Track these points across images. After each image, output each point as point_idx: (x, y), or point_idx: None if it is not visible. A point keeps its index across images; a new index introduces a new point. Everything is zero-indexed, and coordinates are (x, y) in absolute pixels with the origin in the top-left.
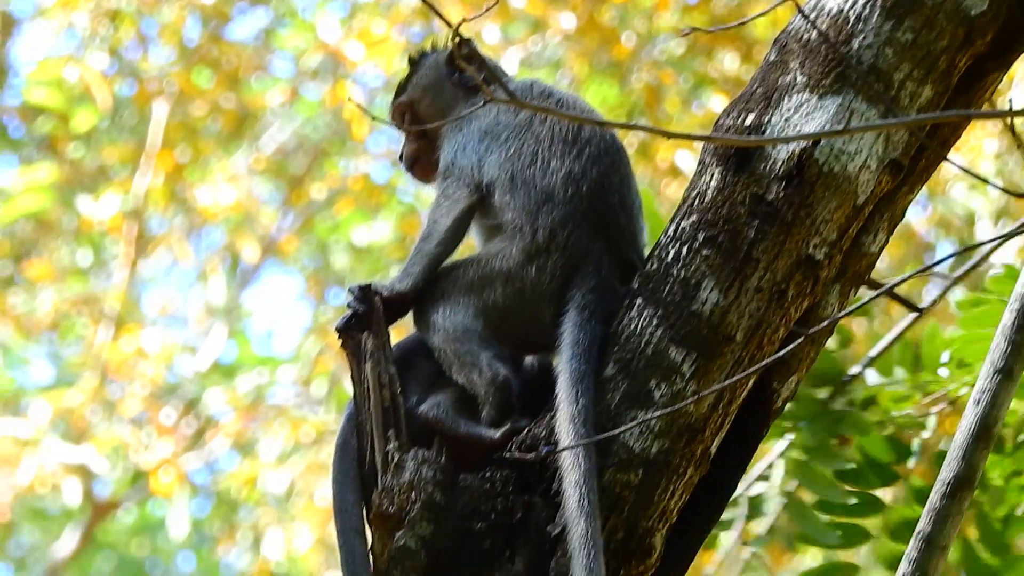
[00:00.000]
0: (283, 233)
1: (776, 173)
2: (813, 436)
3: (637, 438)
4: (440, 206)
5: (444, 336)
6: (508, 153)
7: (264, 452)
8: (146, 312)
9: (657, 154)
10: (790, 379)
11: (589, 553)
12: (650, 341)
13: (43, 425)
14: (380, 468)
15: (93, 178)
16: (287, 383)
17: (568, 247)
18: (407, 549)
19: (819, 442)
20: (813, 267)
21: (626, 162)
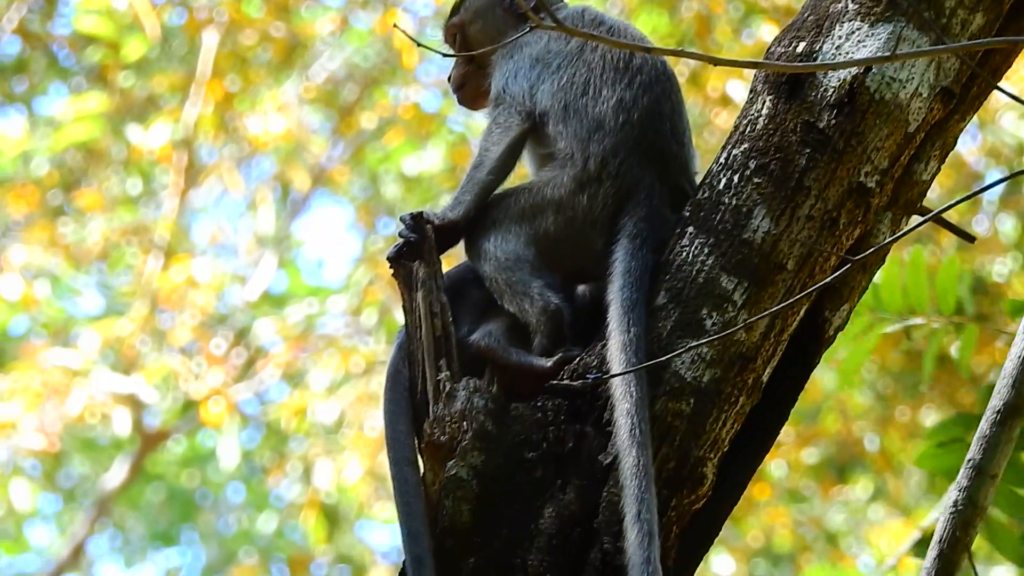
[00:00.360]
0: (333, 163)
1: (827, 101)
2: None
3: (689, 367)
4: (492, 134)
5: (495, 265)
6: (560, 82)
7: (314, 382)
8: (196, 241)
9: (707, 83)
10: (842, 308)
11: (641, 483)
12: (701, 270)
13: (93, 355)
14: (432, 398)
15: (143, 107)
16: (337, 313)
17: (619, 175)
18: (458, 479)
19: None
20: (865, 195)
21: (677, 90)
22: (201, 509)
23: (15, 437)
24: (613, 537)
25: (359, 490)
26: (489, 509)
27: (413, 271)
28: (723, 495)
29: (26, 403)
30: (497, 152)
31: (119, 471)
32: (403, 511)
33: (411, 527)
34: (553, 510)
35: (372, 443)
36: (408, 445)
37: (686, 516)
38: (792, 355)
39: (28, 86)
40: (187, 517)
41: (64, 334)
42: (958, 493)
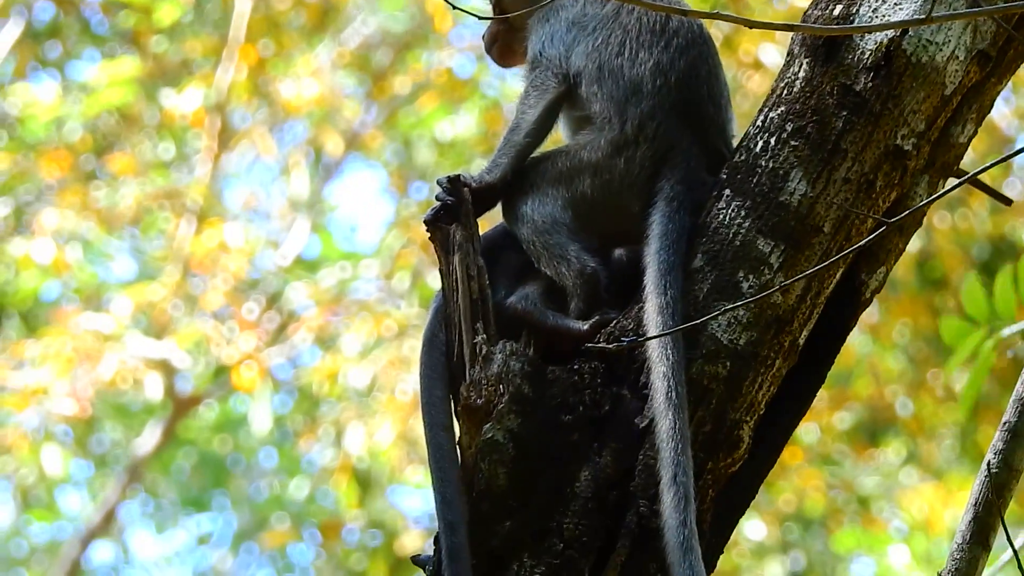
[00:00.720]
0: (366, 128)
1: (864, 64)
2: None
3: (725, 330)
4: (528, 96)
5: (532, 228)
6: (595, 43)
7: (346, 347)
8: (229, 206)
9: (740, 47)
10: (878, 270)
11: (677, 446)
12: (738, 232)
13: (125, 320)
14: (468, 361)
15: (176, 72)
16: (370, 277)
17: (656, 138)
18: (494, 442)
19: None
20: (901, 158)
21: (714, 53)
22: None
23: (47, 403)
24: (649, 500)
25: (391, 455)
26: (525, 472)
27: (450, 234)
28: (759, 459)
29: (58, 368)
30: (534, 115)
31: (151, 436)
32: (437, 476)
33: (445, 492)
34: (589, 473)
35: (404, 407)
36: (444, 410)
37: (722, 480)
38: (828, 318)
39: (61, 52)
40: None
41: (96, 299)
42: (993, 456)
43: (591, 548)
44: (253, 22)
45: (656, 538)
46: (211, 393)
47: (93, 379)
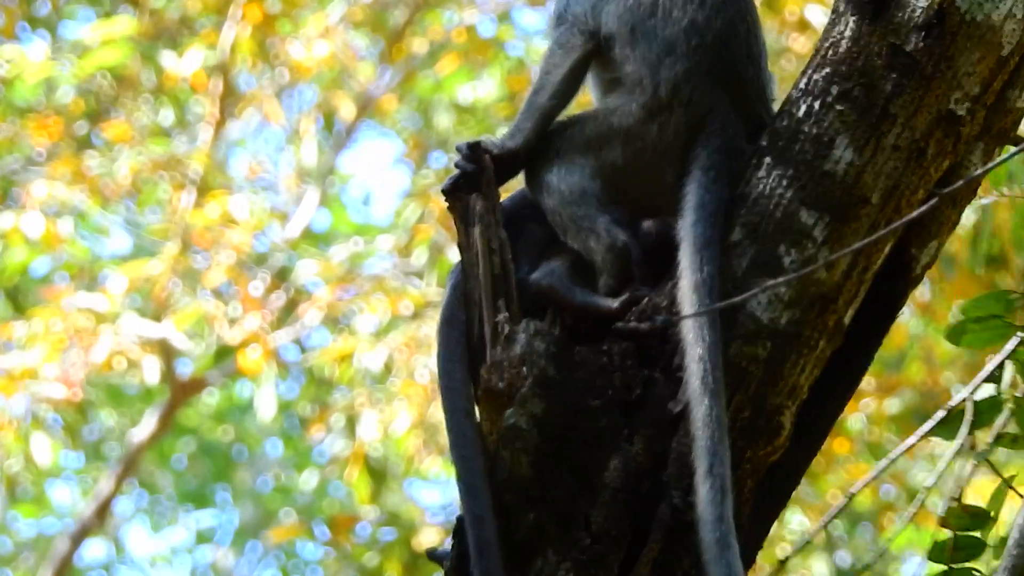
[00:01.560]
0: (381, 91)
1: (915, 22)
2: None
3: (765, 308)
4: (553, 55)
5: (559, 198)
6: (627, 4)
7: (359, 327)
8: (233, 176)
9: (785, 7)
10: (930, 244)
11: (713, 434)
12: (779, 203)
13: (120, 298)
14: (489, 341)
15: (175, 31)
16: (384, 252)
17: (692, 103)
18: (517, 428)
19: None
20: (954, 123)
21: (752, 10)
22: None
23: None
24: (683, 492)
25: (408, 443)
26: (550, 461)
27: (470, 204)
28: (801, 447)
29: (47, 350)
30: (559, 75)
31: (148, 424)
32: (461, 466)
33: (470, 483)
34: (619, 462)
35: (422, 392)
36: (464, 394)
37: (761, 469)
38: (876, 296)
39: (52, 9)
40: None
41: (89, 275)
42: None
43: (621, 542)
44: None
45: (691, 532)
46: (213, 378)
47: (85, 362)
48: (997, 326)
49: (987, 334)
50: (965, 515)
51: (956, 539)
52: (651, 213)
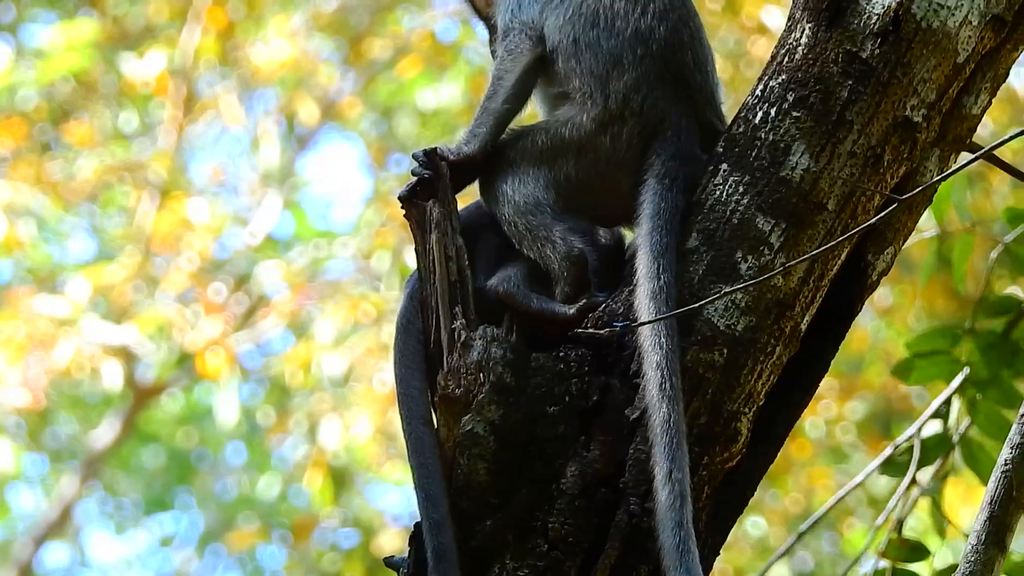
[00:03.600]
0: (343, 96)
1: (871, 29)
2: (988, 370)
3: (722, 314)
4: (503, 61)
5: (514, 208)
6: (567, 16)
7: (320, 332)
8: (194, 180)
9: (743, 10)
10: (886, 251)
11: (672, 440)
12: (736, 210)
13: (82, 303)
14: (446, 347)
15: (138, 36)
16: (345, 257)
17: (644, 112)
18: (474, 434)
19: (993, 375)
20: (910, 130)
21: (694, 14)
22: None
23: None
24: (641, 498)
25: (368, 449)
26: (507, 467)
27: (427, 211)
28: (758, 453)
29: (9, 355)
30: (511, 79)
31: (109, 429)
32: (419, 473)
33: (428, 489)
34: (576, 468)
35: (383, 398)
36: (422, 402)
37: (719, 475)
38: (832, 302)
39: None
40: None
41: (51, 280)
42: (1010, 451)
43: (579, 549)
44: None
45: (649, 538)
46: (174, 382)
47: (47, 367)
48: (943, 362)
49: (934, 369)
50: (904, 548)
51: (894, 571)
52: (608, 222)
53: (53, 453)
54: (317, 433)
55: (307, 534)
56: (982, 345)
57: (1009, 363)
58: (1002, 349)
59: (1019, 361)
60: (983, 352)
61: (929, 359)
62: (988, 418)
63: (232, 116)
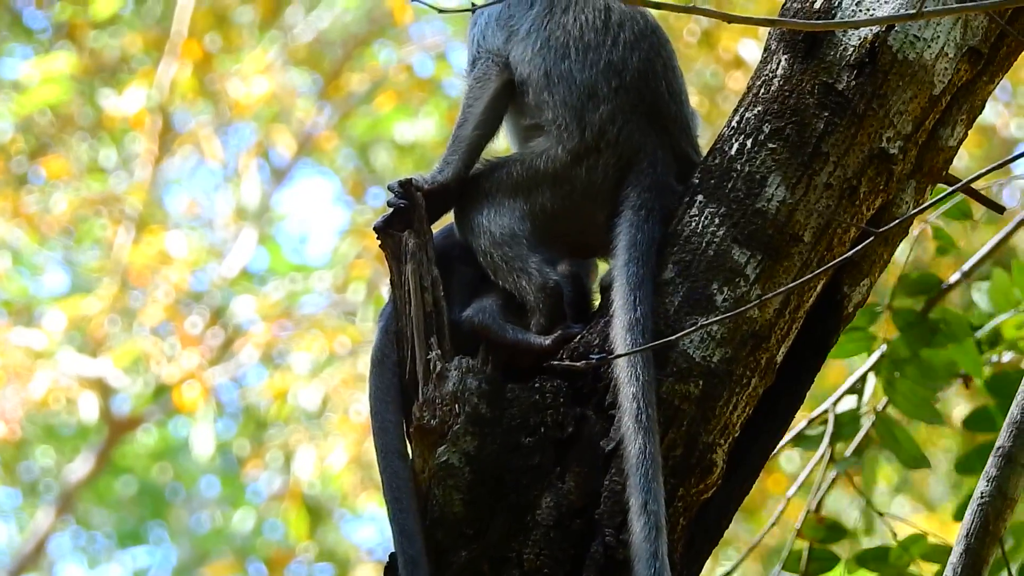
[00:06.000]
0: (319, 130)
1: (847, 60)
2: (907, 348)
3: (697, 346)
4: (472, 89)
5: (490, 239)
6: (536, 48)
7: (296, 365)
8: (170, 213)
9: (720, 43)
10: (862, 283)
11: (647, 471)
12: (712, 241)
13: (57, 335)
14: (421, 378)
15: (114, 69)
16: (321, 290)
17: (620, 143)
18: (449, 465)
19: (912, 354)
20: (887, 162)
21: (665, 43)
22: (172, 505)
23: None
24: (616, 529)
25: (344, 480)
26: (482, 498)
27: (402, 242)
28: (734, 484)
29: None
30: (481, 106)
31: (84, 463)
32: (393, 507)
33: (403, 524)
34: (551, 500)
35: (358, 429)
36: (397, 435)
37: (694, 507)
38: (808, 334)
39: None
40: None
41: (26, 313)
42: (986, 483)
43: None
44: (197, 15)
45: (623, 570)
46: (149, 416)
47: (23, 399)
48: (861, 338)
49: (851, 345)
50: (821, 527)
51: (812, 550)
52: (584, 253)
53: (27, 486)
54: (292, 464)
55: (282, 568)
56: (900, 324)
57: (927, 342)
58: (921, 328)
59: (937, 340)
60: (902, 330)
61: (848, 335)
62: (905, 396)
63: (208, 150)
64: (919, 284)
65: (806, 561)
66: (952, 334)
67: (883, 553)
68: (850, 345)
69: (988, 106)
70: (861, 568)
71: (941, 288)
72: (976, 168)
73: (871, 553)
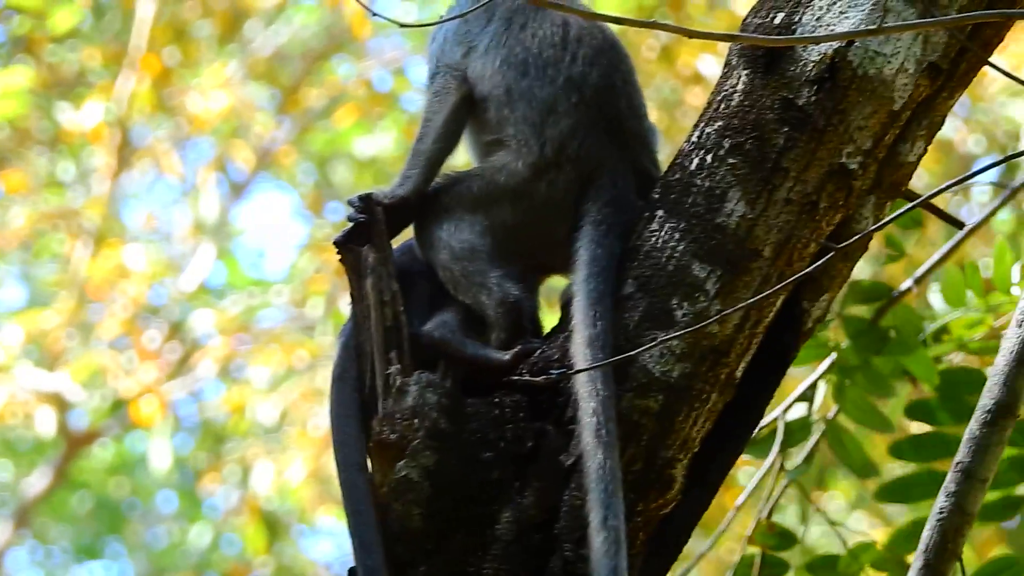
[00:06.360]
0: (277, 144)
1: (807, 76)
2: (857, 356)
3: (657, 361)
4: (431, 103)
5: (450, 254)
6: (495, 65)
7: (254, 379)
8: (129, 228)
9: (679, 58)
10: (822, 298)
11: (607, 486)
12: (672, 256)
13: (15, 350)
14: (381, 393)
15: (73, 83)
16: (280, 305)
17: (580, 158)
18: (409, 480)
19: (862, 362)
20: (846, 177)
21: (624, 58)
22: (129, 520)
23: None
24: (575, 544)
25: (301, 494)
26: (442, 513)
27: (362, 256)
28: (693, 499)
29: None
30: (440, 119)
31: (42, 477)
32: (353, 520)
33: (363, 537)
34: (511, 514)
35: (316, 443)
36: (358, 448)
37: (653, 522)
38: (768, 349)
39: None
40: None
41: None
42: (945, 499)
43: None
44: (156, 29)
45: None
46: (107, 430)
47: None
48: (810, 345)
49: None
50: (773, 535)
51: (764, 557)
52: (545, 269)
53: None
54: (250, 478)
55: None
56: (851, 331)
57: (877, 350)
58: (871, 336)
59: (888, 348)
60: (852, 338)
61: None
62: (855, 404)
63: (167, 164)
64: (870, 292)
65: (758, 568)
66: (903, 342)
67: (832, 561)
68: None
69: (947, 122)
70: None
71: (891, 296)
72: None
73: (821, 561)
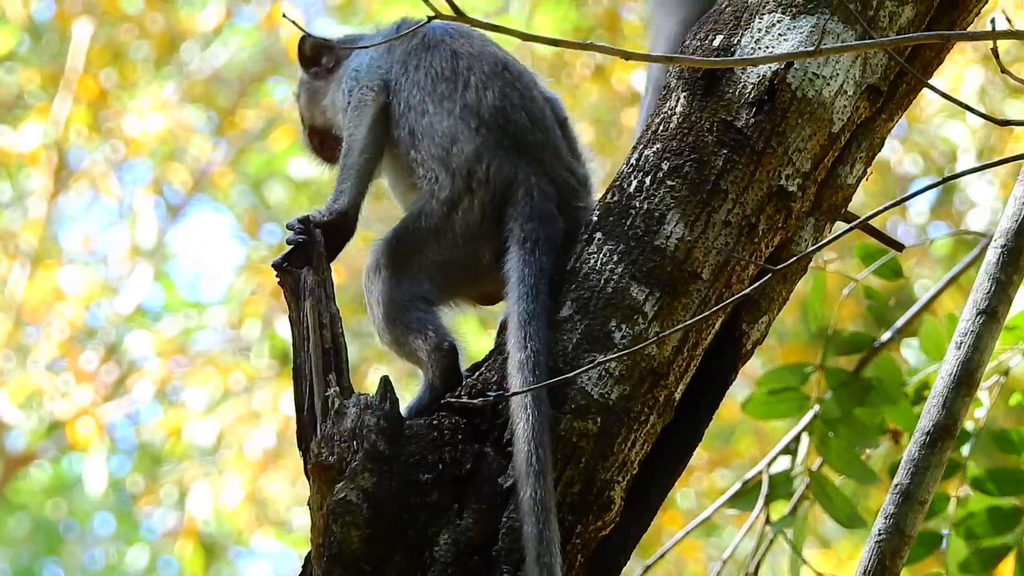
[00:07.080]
0: (214, 166)
1: (746, 98)
2: (839, 407)
3: (596, 383)
4: (351, 119)
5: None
6: (400, 110)
7: (190, 401)
8: (65, 250)
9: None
10: (760, 320)
11: (539, 520)
12: (610, 279)
13: None
14: (319, 415)
15: (10, 105)
16: (216, 327)
17: (490, 180)
18: (347, 502)
19: (845, 413)
20: (785, 199)
21: (520, 76)
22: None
23: None
24: (513, 566)
25: (238, 516)
26: (380, 535)
27: (301, 279)
28: (632, 521)
29: None
30: (362, 131)
31: None
32: None
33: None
34: (449, 536)
35: (252, 465)
36: None
37: (592, 543)
38: (706, 371)
39: None
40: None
41: None
42: (884, 520)
43: None
44: (93, 52)
45: None
46: (43, 452)
47: None
48: (792, 398)
49: (783, 406)
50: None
51: None
52: (486, 298)
53: None
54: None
55: None
56: (833, 383)
57: (860, 401)
58: (853, 387)
59: (870, 399)
60: (834, 390)
61: (779, 396)
62: (839, 455)
63: (104, 186)
64: (851, 343)
65: None
66: (885, 392)
67: None
68: (782, 405)
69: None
70: None
71: (873, 347)
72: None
73: None
